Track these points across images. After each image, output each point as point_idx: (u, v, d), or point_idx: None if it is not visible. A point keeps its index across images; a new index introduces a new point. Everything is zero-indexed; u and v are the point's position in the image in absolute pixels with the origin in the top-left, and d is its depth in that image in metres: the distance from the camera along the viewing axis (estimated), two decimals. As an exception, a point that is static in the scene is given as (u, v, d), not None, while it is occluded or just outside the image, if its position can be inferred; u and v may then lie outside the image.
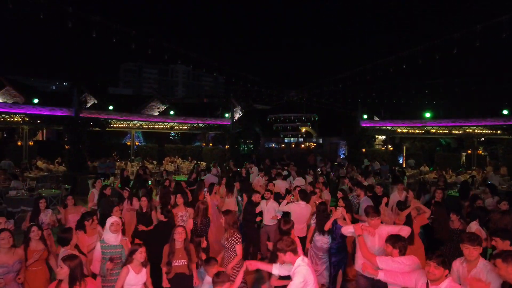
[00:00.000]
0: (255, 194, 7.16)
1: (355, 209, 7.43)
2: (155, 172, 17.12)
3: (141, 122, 19.87)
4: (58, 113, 15.26)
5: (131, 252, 3.92)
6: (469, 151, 20.96)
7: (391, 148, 23.81)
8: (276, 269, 3.82)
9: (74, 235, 4.41)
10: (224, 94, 40.98)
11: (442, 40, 12.83)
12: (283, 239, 3.58)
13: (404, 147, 25.98)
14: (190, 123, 20.84)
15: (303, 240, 6.17)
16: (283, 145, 29.18)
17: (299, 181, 10.16)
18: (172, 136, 30.43)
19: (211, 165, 12.93)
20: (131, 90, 76.26)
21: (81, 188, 14.37)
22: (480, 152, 21.45)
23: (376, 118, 23.68)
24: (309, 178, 10.68)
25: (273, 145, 28.67)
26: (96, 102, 27.03)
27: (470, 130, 17.57)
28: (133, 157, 21.82)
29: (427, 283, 3.05)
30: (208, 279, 3.92)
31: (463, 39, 12.18)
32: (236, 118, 22.93)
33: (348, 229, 4.66)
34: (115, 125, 18.47)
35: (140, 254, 3.89)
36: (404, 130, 19.87)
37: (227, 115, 21.80)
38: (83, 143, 15.82)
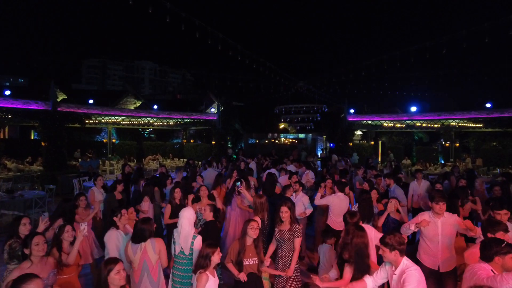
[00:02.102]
0: (288, 188, 6.62)
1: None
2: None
3: (120, 118, 18.59)
4: (33, 106, 13.80)
5: (206, 256, 3.38)
6: (447, 144, 21.90)
7: (372, 143, 24.41)
8: (371, 283, 3.37)
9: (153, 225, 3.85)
10: (198, 89, 39.98)
11: (431, 40, 12.98)
12: (395, 235, 3.15)
13: (380, 142, 26.73)
14: (175, 118, 19.83)
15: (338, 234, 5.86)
16: (266, 141, 28.92)
17: (311, 174, 9.90)
18: (147, 133, 29.14)
19: (209, 159, 12.25)
20: (94, 87, 72.47)
21: (62, 188, 13.17)
22: (457, 144, 22.45)
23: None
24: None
25: (256, 141, 28.30)
26: (66, 97, 25.21)
27: (454, 123, 18.23)
28: (110, 155, 20.52)
29: None
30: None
31: (451, 38, 12.40)
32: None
33: (410, 227, 4.35)
34: (95, 120, 17.14)
35: (218, 256, 3.42)
36: (390, 124, 20.26)
37: (213, 110, 21.03)
38: (62, 139, 14.47)
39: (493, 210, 4.59)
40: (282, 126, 34.53)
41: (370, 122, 20.83)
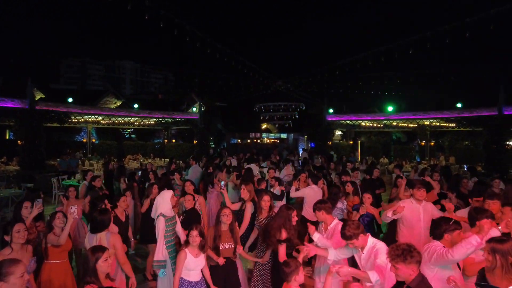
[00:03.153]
0: (262, 181, 6.94)
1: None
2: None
3: (100, 117, 18.39)
4: (9, 104, 13.52)
5: (187, 234, 3.66)
6: (423, 143, 22.74)
7: (351, 142, 25.06)
8: (333, 254, 3.59)
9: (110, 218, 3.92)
10: (180, 89, 39.72)
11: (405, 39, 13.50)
12: (349, 224, 3.28)
13: (359, 142, 27.43)
14: (156, 117, 19.75)
15: (315, 224, 6.12)
16: (248, 141, 29.14)
17: (288, 170, 10.20)
18: (127, 133, 28.82)
19: (190, 158, 12.34)
20: (74, 87, 70.78)
21: (40, 187, 12.91)
22: (432, 143, 23.34)
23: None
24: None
25: (239, 140, 28.48)
26: (43, 97, 24.62)
27: (428, 123, 18.95)
28: (89, 155, 20.24)
29: None
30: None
31: (423, 38, 12.93)
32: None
33: (387, 215, 4.58)
34: (75, 119, 16.89)
35: (191, 238, 3.60)
36: (368, 124, 20.85)
37: (194, 109, 21.06)
38: (40, 138, 14.22)
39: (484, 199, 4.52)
40: (264, 126, 34.85)
41: (348, 122, 21.38)
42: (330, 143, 21.36)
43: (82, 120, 17.86)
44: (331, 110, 21.21)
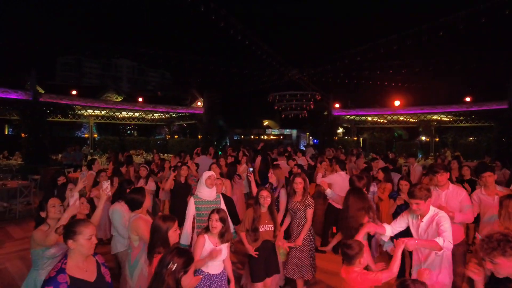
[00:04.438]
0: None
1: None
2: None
3: (104, 111, 18.03)
4: (12, 96, 13.15)
5: (208, 219, 3.27)
6: (427, 139, 22.69)
7: (355, 138, 25.00)
8: (389, 230, 3.44)
9: (147, 196, 3.65)
10: (178, 87, 39.42)
11: (412, 30, 13.33)
12: (420, 187, 3.17)
13: (361, 139, 27.37)
14: (160, 111, 19.42)
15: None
16: (251, 137, 28.92)
17: (303, 160, 10.09)
18: (129, 129, 28.52)
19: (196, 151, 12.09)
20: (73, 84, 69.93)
21: (46, 181, 12.58)
22: (437, 139, 23.29)
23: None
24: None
25: (242, 136, 28.26)
26: (43, 92, 24.19)
27: (436, 117, 18.84)
28: (92, 150, 19.88)
29: None
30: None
31: (430, 28, 12.77)
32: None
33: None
34: (77, 113, 16.52)
35: (211, 222, 3.20)
36: (374, 119, 20.71)
37: (199, 103, 20.76)
38: (44, 131, 13.86)
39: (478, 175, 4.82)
40: (266, 123, 34.69)
41: (354, 117, 21.21)
42: (336, 138, 21.19)
43: (86, 114, 17.50)
44: (337, 105, 21.03)
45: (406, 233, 3.45)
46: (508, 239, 2.11)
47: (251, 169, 6.22)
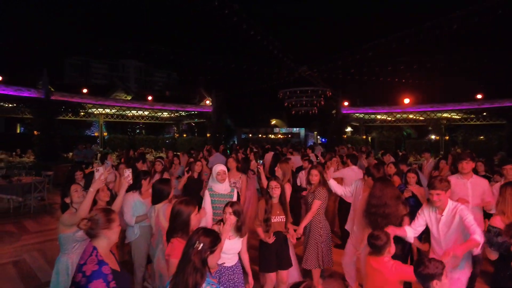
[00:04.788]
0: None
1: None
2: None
3: (114, 109, 18.19)
4: (25, 94, 13.34)
5: (224, 211, 3.20)
6: (437, 138, 22.49)
7: (364, 137, 24.90)
8: (410, 231, 3.37)
9: (172, 187, 3.69)
10: (185, 87, 39.55)
11: (420, 26, 13.17)
12: (441, 177, 3.13)
13: (370, 138, 27.23)
14: (169, 110, 19.53)
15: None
16: (259, 135, 28.95)
17: (312, 157, 10.08)
18: (138, 128, 28.70)
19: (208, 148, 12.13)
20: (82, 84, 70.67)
21: (58, 178, 12.74)
22: (447, 138, 23.07)
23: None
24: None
25: (250, 135, 28.30)
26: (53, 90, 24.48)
27: (446, 115, 18.66)
28: (101, 149, 20.08)
29: None
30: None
31: (440, 24, 12.61)
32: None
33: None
34: (88, 111, 16.69)
35: (225, 215, 3.14)
36: (383, 117, 20.57)
37: (208, 102, 20.82)
38: (55, 129, 14.04)
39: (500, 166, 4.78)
40: (273, 122, 34.68)
41: (363, 115, 21.10)
42: (345, 136, 21.10)
43: (96, 112, 17.67)
44: (346, 103, 20.93)
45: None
46: (448, 180, 2.15)
47: (261, 161, 6.22)
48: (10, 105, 13.82)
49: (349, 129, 29.73)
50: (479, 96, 17.00)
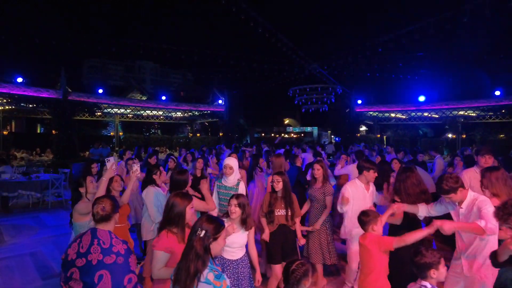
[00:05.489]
0: (296, 158, 6.92)
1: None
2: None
3: (129, 109, 18.59)
4: (44, 94, 13.82)
5: (229, 204, 3.24)
6: (454, 136, 21.96)
7: (378, 136, 24.55)
8: (424, 210, 3.36)
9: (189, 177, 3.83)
10: (200, 88, 39.91)
11: (434, 20, 12.86)
12: (446, 178, 2.97)
13: (385, 137, 26.84)
14: (182, 109, 19.83)
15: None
16: (272, 135, 29.04)
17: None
18: (153, 127, 29.21)
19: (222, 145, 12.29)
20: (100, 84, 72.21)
21: (74, 176, 13.15)
22: (464, 136, 22.50)
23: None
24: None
25: (263, 134, 28.43)
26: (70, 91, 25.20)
27: (462, 113, 18.21)
28: (117, 148, 20.55)
29: None
30: None
31: (454, 18, 12.28)
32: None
33: None
34: (105, 110, 17.13)
35: (230, 208, 3.17)
36: (398, 115, 20.26)
37: (220, 101, 21.01)
38: (72, 129, 14.48)
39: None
40: (287, 121, 34.63)
41: (377, 113, 20.83)
42: (358, 135, 20.88)
43: (112, 111, 18.09)
44: (359, 101, 20.71)
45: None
46: (457, 178, 2.10)
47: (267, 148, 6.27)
48: (30, 106, 14.30)
49: (363, 128, 29.43)
50: (497, 93, 16.48)
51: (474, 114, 18.62)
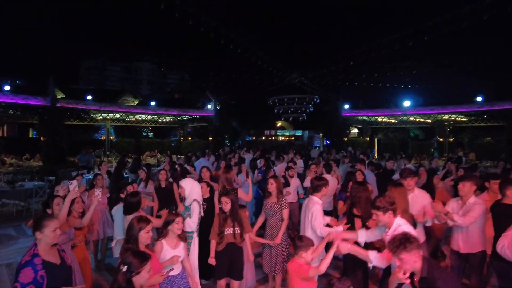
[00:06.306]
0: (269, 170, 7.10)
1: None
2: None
3: (118, 115, 18.81)
4: (32, 102, 14.05)
5: (166, 223, 3.47)
6: (441, 139, 22.27)
7: (368, 139, 24.80)
8: (362, 235, 3.54)
9: (143, 199, 4.06)
10: (196, 89, 40.14)
11: (418, 27, 13.08)
12: (384, 196, 3.19)
13: (376, 139, 27.12)
14: (172, 115, 20.07)
15: (329, 215, 6.12)
16: (263, 138, 29.30)
17: (299, 163, 10.36)
18: (145, 131, 29.41)
19: (206, 152, 12.49)
20: (93, 87, 72.39)
21: (62, 181, 13.35)
22: (451, 139, 22.82)
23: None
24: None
25: (254, 138, 28.69)
26: (63, 96, 25.39)
27: (447, 117, 18.53)
28: (108, 152, 20.78)
29: None
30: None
31: (436, 27, 12.52)
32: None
33: None
34: (93, 116, 17.36)
35: (177, 225, 3.42)
36: (385, 119, 20.55)
37: (210, 106, 21.26)
38: (61, 135, 14.70)
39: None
40: (279, 124, 34.84)
41: (365, 117, 21.13)
42: (346, 139, 21.17)
43: (101, 117, 18.32)
44: (346, 106, 20.99)
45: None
46: (407, 237, 2.39)
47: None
48: (19, 112, 14.52)
49: (355, 130, 29.70)
50: (478, 99, 16.85)
51: (464, 119, 18.96)
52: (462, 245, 4.03)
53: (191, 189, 4.52)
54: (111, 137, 22.72)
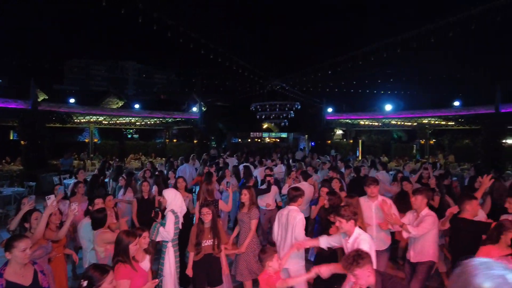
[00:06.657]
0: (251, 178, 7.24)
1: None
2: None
3: (102, 117, 18.66)
4: (12, 105, 13.83)
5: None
6: (422, 141, 22.84)
7: (351, 141, 25.24)
8: (324, 242, 3.74)
9: (108, 216, 4.11)
10: (183, 90, 40.01)
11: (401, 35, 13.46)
12: (349, 205, 3.50)
13: (360, 141, 27.61)
14: (156, 117, 20.01)
15: (306, 220, 6.31)
16: (249, 140, 29.43)
17: (282, 167, 10.51)
18: (130, 133, 29.18)
19: (190, 157, 12.49)
20: (78, 88, 71.25)
21: (43, 186, 13.18)
22: (432, 142, 23.44)
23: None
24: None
25: (239, 140, 28.79)
26: (47, 98, 24.99)
27: (427, 121, 19.05)
28: (92, 155, 20.56)
29: None
30: None
31: (420, 34, 12.90)
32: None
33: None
34: (76, 120, 17.17)
35: (144, 240, 3.51)
36: (367, 123, 20.97)
37: (194, 109, 21.28)
38: (43, 138, 14.50)
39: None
40: (265, 126, 35.07)
41: (348, 120, 21.52)
42: (329, 142, 21.53)
43: (84, 120, 18.15)
44: (330, 109, 21.36)
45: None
46: (359, 254, 2.56)
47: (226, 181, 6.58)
48: (-1, 116, 14.28)
49: (340, 132, 30.15)
50: (456, 103, 17.46)
51: (443, 122, 19.54)
52: (413, 254, 4.25)
53: (172, 200, 4.60)
54: (95, 140, 22.48)
